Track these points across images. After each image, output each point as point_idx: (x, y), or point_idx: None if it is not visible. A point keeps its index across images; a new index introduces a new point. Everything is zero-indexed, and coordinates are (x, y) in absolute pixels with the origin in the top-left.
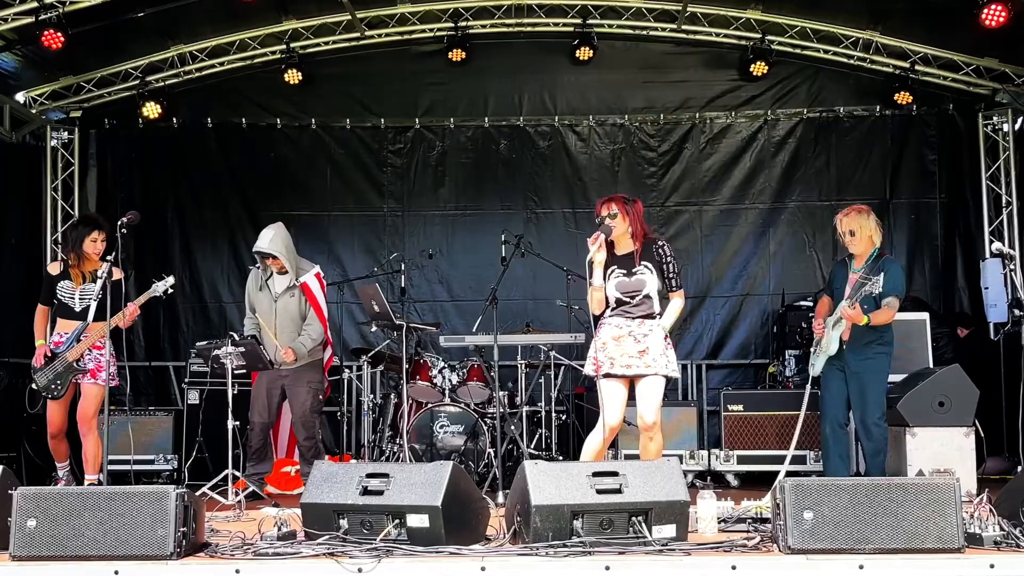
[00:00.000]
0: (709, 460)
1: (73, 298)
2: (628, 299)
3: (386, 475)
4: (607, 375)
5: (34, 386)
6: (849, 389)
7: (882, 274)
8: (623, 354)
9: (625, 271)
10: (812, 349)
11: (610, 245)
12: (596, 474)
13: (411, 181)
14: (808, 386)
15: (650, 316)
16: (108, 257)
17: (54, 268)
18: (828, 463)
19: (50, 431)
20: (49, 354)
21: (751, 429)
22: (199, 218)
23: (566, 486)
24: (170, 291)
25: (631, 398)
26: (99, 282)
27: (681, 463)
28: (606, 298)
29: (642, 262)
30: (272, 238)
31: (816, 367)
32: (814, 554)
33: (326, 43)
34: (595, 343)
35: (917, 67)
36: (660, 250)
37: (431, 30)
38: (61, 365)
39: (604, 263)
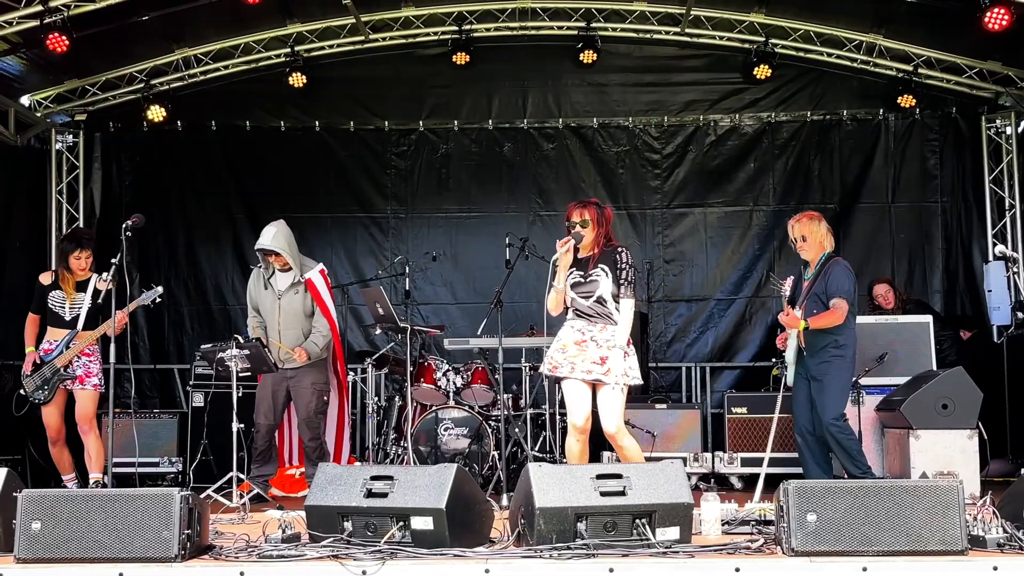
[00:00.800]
0: (713, 462)
1: (64, 307)
2: (583, 299)
3: (390, 478)
4: (568, 378)
5: (22, 391)
6: (811, 394)
7: (789, 278)
8: (584, 359)
9: (582, 273)
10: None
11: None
12: (600, 476)
13: (415, 184)
14: (781, 390)
15: (611, 322)
16: (113, 260)
17: (45, 278)
18: (806, 470)
19: (49, 436)
20: (38, 360)
21: (755, 432)
22: (203, 221)
23: (570, 488)
24: (158, 300)
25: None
26: (89, 291)
27: (685, 465)
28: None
29: (598, 265)
30: (274, 235)
31: (788, 377)
32: (817, 556)
33: (330, 46)
34: (555, 343)
35: (920, 70)
36: (618, 255)
37: (435, 33)
38: (49, 371)
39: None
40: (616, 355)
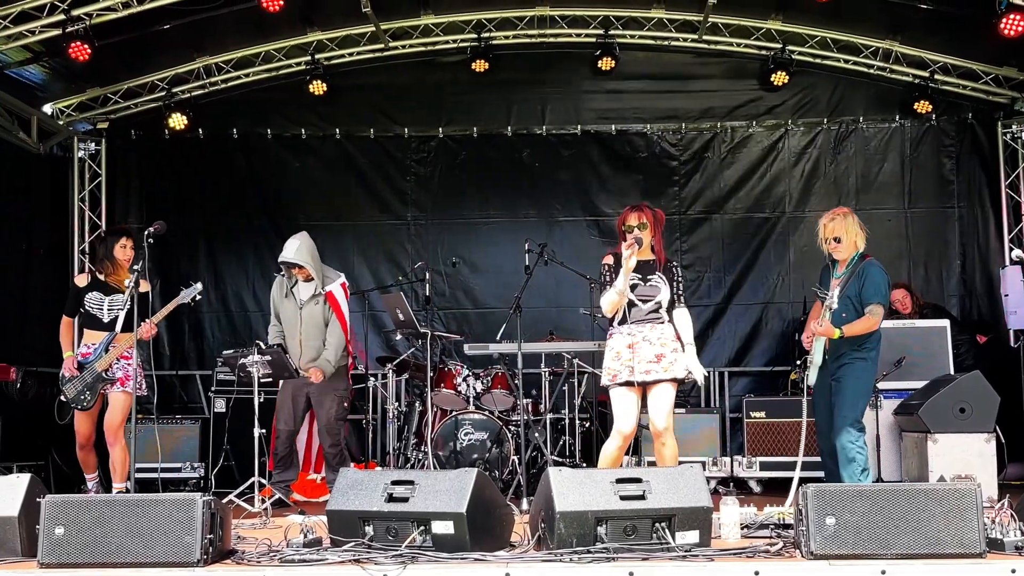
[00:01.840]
0: (732, 466)
1: (102, 309)
2: (642, 302)
3: (411, 482)
4: (626, 383)
5: (63, 397)
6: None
7: (837, 289)
8: (640, 360)
9: (640, 277)
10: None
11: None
12: (620, 480)
13: (435, 190)
14: (804, 393)
15: (659, 322)
16: (135, 267)
17: (81, 280)
18: (831, 477)
19: (78, 441)
20: (77, 365)
21: (774, 436)
22: (224, 228)
23: (590, 493)
24: (198, 298)
25: (644, 404)
26: (127, 293)
27: (704, 469)
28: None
29: (656, 272)
30: (298, 248)
31: (811, 378)
32: (836, 559)
33: (350, 54)
34: (608, 353)
35: (936, 76)
36: (674, 268)
37: (454, 41)
38: (90, 375)
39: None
40: (669, 344)
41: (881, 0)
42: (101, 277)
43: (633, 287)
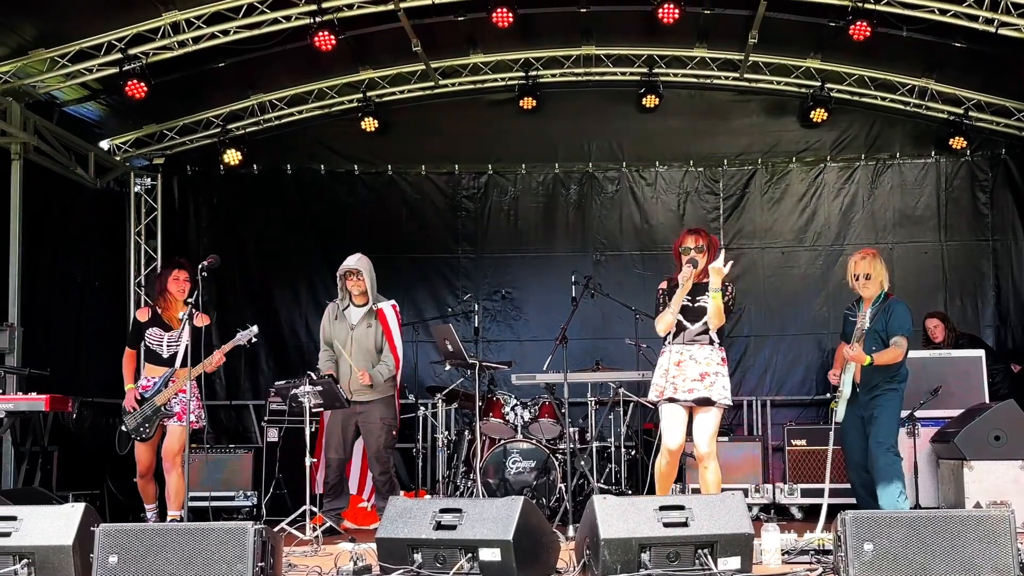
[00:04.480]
0: (773, 493)
1: (161, 344)
2: (689, 322)
3: (459, 510)
4: (670, 399)
5: (123, 428)
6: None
7: (867, 311)
8: (685, 378)
9: (690, 299)
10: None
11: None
12: (663, 508)
13: (484, 225)
14: (832, 423)
15: (707, 343)
16: (189, 300)
17: (143, 315)
18: (862, 505)
19: (139, 470)
20: (138, 398)
21: (814, 463)
22: (278, 262)
23: (634, 520)
24: (254, 340)
25: (691, 423)
26: (187, 329)
27: (746, 496)
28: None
29: (706, 293)
30: (359, 259)
31: (839, 412)
32: None
33: (401, 92)
34: (657, 371)
35: (971, 113)
36: (727, 287)
37: (503, 79)
38: (150, 408)
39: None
40: (715, 366)
41: (916, 40)
42: (159, 312)
43: (683, 309)
